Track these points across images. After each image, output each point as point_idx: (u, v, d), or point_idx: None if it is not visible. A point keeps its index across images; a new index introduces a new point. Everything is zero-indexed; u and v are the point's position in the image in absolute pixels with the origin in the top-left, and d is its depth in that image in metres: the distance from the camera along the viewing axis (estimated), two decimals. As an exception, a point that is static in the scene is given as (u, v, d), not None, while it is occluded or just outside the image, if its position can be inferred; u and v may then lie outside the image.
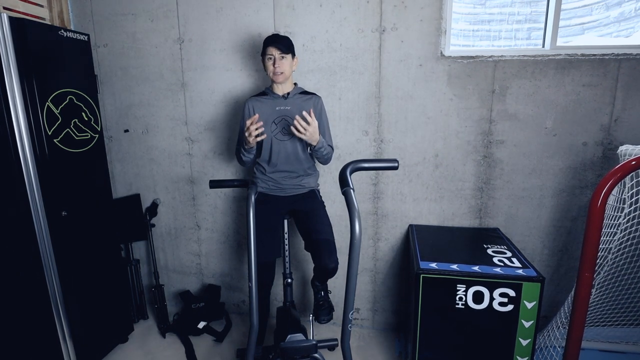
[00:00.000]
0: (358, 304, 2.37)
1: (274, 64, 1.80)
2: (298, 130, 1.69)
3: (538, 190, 2.05)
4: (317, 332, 2.27)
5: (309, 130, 1.68)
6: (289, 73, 1.85)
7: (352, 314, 1.29)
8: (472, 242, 1.99)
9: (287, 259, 1.95)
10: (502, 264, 1.71)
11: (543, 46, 2.01)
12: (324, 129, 1.93)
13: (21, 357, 1.83)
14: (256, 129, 1.68)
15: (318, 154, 1.85)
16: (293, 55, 1.87)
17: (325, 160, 1.92)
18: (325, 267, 1.70)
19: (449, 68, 1.99)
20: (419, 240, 1.98)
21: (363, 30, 2.03)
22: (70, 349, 1.89)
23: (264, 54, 1.83)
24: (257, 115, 1.68)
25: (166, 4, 2.21)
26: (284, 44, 1.80)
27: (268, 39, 1.82)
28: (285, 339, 1.60)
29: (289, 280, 1.95)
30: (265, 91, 1.95)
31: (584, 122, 1.94)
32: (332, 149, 1.97)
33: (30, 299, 1.81)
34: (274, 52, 1.80)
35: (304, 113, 1.68)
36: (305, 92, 1.95)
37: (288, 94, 1.89)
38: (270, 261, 1.81)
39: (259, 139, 1.72)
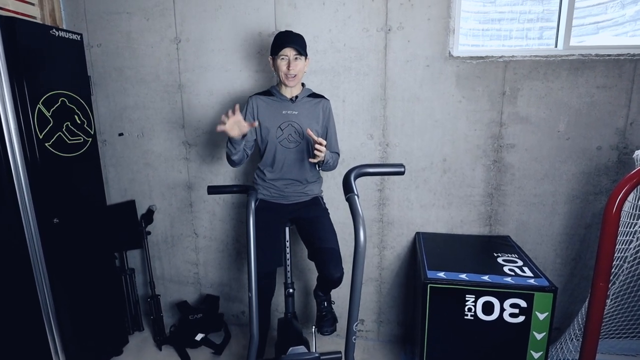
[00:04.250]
0: (363, 315, 2.33)
1: (288, 66, 1.69)
2: (317, 156, 1.63)
3: (550, 197, 2.02)
4: (320, 344, 2.23)
5: (324, 151, 1.64)
6: (301, 75, 1.76)
7: (356, 325, 1.27)
8: (482, 250, 1.96)
9: (288, 268, 1.92)
10: (512, 273, 1.69)
11: (556, 46, 1.98)
12: (331, 134, 1.88)
13: (10, 372, 1.82)
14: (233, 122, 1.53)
15: (326, 168, 1.82)
16: (306, 55, 1.76)
17: (330, 169, 1.89)
18: (331, 276, 1.66)
19: (458, 69, 1.96)
20: (426, 249, 1.95)
21: (368, 30, 1.99)
22: (62, 363, 1.87)
23: (275, 53, 1.72)
24: (237, 106, 1.54)
25: (162, 2, 2.16)
26: (300, 44, 1.70)
27: (282, 38, 1.71)
28: (287, 351, 1.58)
29: (291, 291, 1.92)
30: (271, 91, 1.84)
31: (598, 125, 1.91)
32: (338, 155, 1.93)
33: (20, 309, 1.79)
34: (289, 53, 1.69)
35: (318, 139, 1.61)
36: (313, 95, 1.87)
37: (296, 97, 1.81)
38: (271, 270, 1.77)
39: (245, 130, 1.59)
